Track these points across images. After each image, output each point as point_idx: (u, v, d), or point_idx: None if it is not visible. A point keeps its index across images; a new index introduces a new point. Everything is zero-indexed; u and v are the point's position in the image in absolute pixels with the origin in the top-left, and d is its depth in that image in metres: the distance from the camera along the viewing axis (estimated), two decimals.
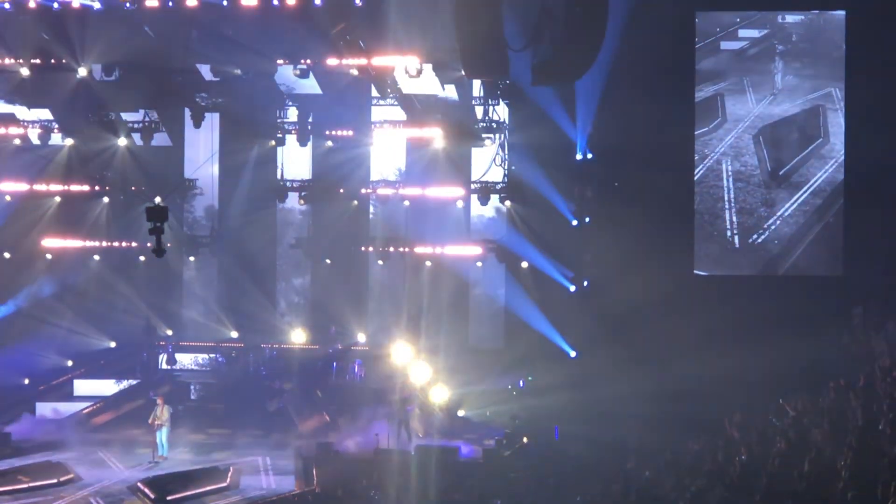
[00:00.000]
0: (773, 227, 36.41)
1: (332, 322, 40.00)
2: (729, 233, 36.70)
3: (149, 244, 29.46)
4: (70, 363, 39.92)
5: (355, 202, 40.23)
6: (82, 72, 36.70)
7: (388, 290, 41.87)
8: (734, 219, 36.67)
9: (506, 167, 38.74)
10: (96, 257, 41.10)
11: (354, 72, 36.12)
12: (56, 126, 39.89)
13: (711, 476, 21.54)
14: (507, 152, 38.65)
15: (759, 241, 36.50)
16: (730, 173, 36.62)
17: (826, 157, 36.23)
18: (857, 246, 35.48)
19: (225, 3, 34.25)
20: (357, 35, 35.39)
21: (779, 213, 36.40)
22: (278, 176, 40.53)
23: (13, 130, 39.54)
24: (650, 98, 34.79)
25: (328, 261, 40.88)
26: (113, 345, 41.15)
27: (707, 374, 30.86)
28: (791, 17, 36.44)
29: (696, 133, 36.71)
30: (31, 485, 29.17)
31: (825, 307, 34.37)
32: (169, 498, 28.09)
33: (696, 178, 36.74)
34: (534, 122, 36.77)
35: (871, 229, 35.04)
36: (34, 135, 39.90)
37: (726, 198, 36.67)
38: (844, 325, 33.80)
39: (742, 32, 36.75)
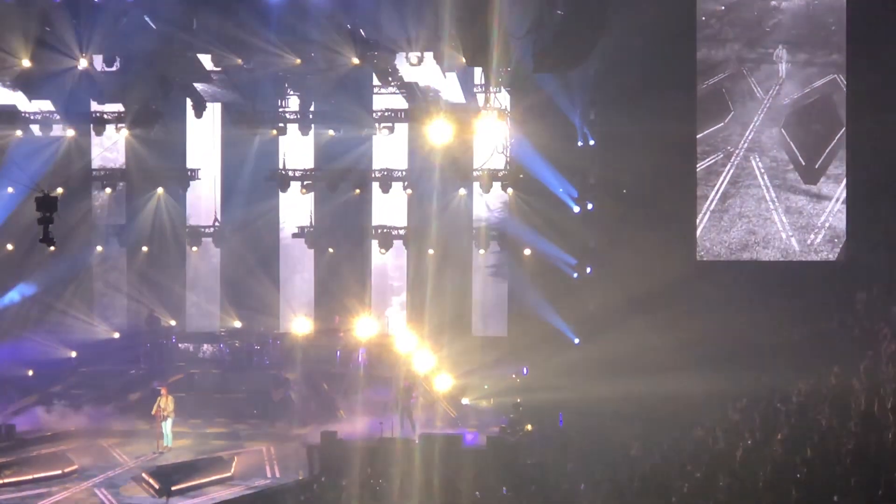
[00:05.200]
0: (826, 225, 35.90)
1: (335, 311, 40.02)
2: (784, 235, 36.06)
3: None
4: (74, 354, 39.83)
5: (358, 191, 40.18)
6: (83, 62, 36.49)
7: (393, 278, 41.90)
8: (783, 219, 36.09)
9: (508, 155, 38.67)
10: (99, 248, 41.26)
11: (356, 60, 36.00)
12: (57, 117, 39.85)
13: (715, 462, 21.53)
14: (508, 140, 38.56)
15: (818, 240, 35.96)
16: (762, 170, 36.05)
17: None
18: (860, 231, 35.40)
19: None
20: (358, 23, 35.35)
21: (828, 210, 35.93)
22: (280, 165, 40.46)
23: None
24: (651, 83, 34.76)
25: (331, 250, 40.87)
26: (117, 335, 41.18)
27: (709, 359, 30.88)
28: (775, 2, 36.09)
29: (711, 129, 36.42)
30: (36, 476, 29.11)
31: (829, 292, 34.38)
32: (173, 488, 27.99)
33: (727, 177, 36.25)
34: (535, 110, 36.73)
35: (875, 214, 34.98)
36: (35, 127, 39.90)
37: (768, 197, 36.18)
38: (848, 310, 33.84)
39: (732, 18, 36.45)
